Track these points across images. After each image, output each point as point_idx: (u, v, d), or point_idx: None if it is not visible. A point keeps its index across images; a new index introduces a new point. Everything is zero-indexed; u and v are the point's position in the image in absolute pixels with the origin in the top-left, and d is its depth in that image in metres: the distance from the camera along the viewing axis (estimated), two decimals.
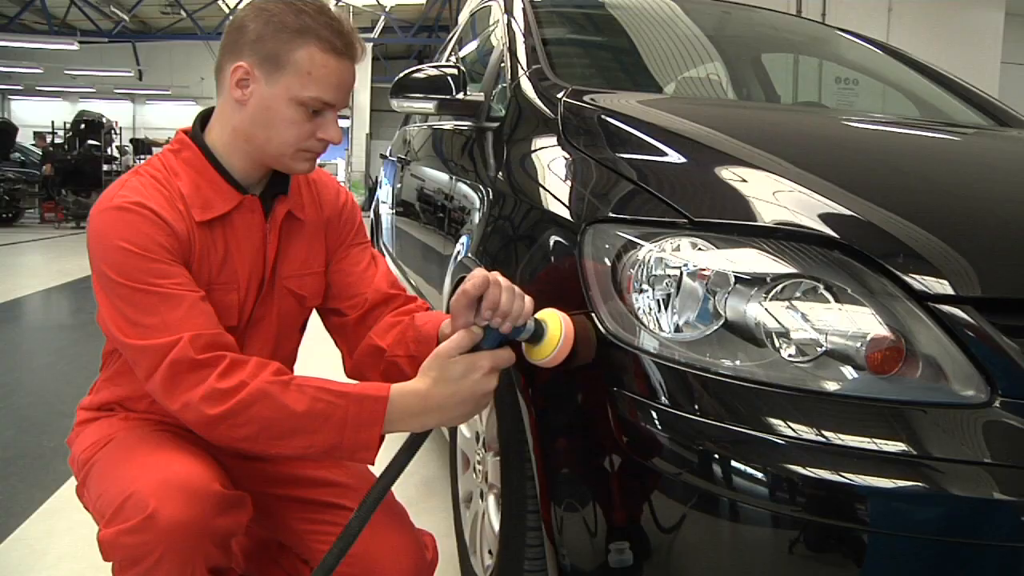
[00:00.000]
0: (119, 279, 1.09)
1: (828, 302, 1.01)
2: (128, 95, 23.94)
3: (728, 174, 1.25)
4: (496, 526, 1.51)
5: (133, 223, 1.10)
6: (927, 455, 0.91)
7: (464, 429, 1.80)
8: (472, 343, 1.09)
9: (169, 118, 23.69)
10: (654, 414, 1.03)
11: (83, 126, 12.33)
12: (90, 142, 12.10)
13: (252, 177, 1.24)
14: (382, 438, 1.10)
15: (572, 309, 1.16)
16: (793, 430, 0.95)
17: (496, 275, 1.08)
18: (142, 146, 14.60)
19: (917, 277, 1.00)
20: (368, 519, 1.10)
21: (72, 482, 1.50)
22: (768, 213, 1.12)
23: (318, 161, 1.24)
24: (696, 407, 1.01)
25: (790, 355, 1.00)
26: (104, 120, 12.60)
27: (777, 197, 1.16)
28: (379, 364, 1.29)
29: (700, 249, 1.09)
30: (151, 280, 1.09)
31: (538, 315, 1.12)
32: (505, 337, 1.10)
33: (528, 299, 1.10)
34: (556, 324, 1.10)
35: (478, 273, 1.07)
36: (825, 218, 1.09)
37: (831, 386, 0.98)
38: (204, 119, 1.25)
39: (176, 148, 1.22)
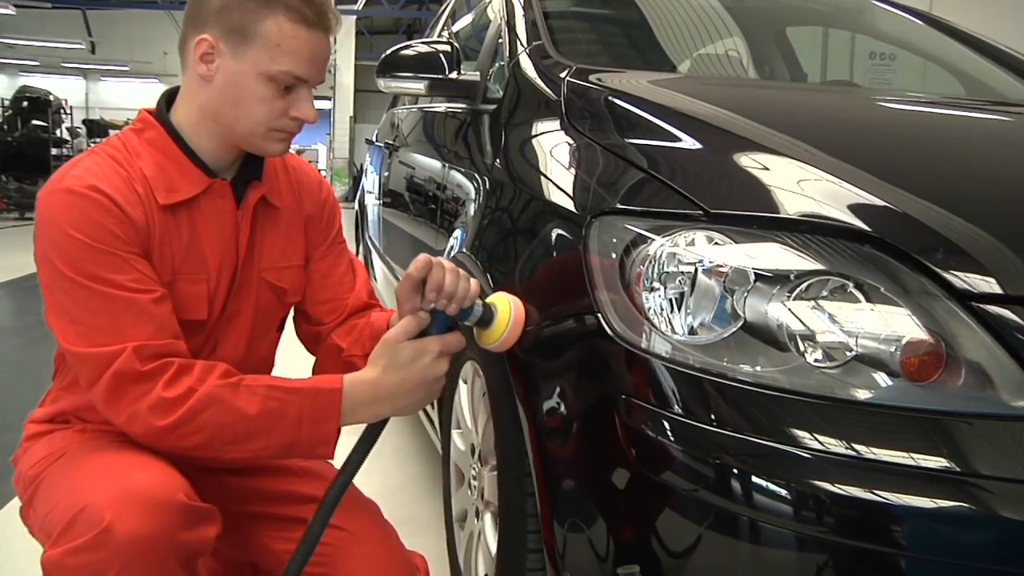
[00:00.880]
0: (65, 270, 1.09)
1: (858, 302, 1.01)
2: (79, 70, 23.02)
3: (748, 161, 1.24)
4: (493, 548, 1.50)
5: (84, 209, 1.10)
6: (973, 472, 0.90)
7: (458, 441, 1.80)
8: (419, 328, 1.17)
9: (128, 97, 22.92)
10: (666, 424, 1.03)
11: (25, 104, 11.92)
12: (35, 122, 11.68)
13: (222, 160, 1.24)
14: (339, 431, 1.15)
15: (576, 310, 1.16)
16: (820, 443, 0.94)
17: (440, 259, 1.16)
18: (97, 128, 14.24)
19: (959, 274, 0.99)
20: (328, 519, 1.15)
21: (13, 505, 1.48)
22: (792, 204, 1.12)
23: (296, 148, 1.25)
24: (712, 417, 1.00)
25: (816, 360, 1.00)
26: (51, 97, 12.17)
27: (802, 187, 1.15)
28: (338, 364, 1.34)
29: (717, 244, 1.09)
30: (100, 275, 1.09)
31: (489, 299, 1.21)
32: (453, 321, 1.18)
33: (474, 281, 1.18)
34: (505, 307, 1.20)
35: (421, 256, 1.15)
36: (855, 209, 1.09)
37: (862, 394, 0.97)
38: (170, 98, 1.25)
39: (139, 128, 1.22)
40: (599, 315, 1.13)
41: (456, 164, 2.06)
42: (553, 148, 1.53)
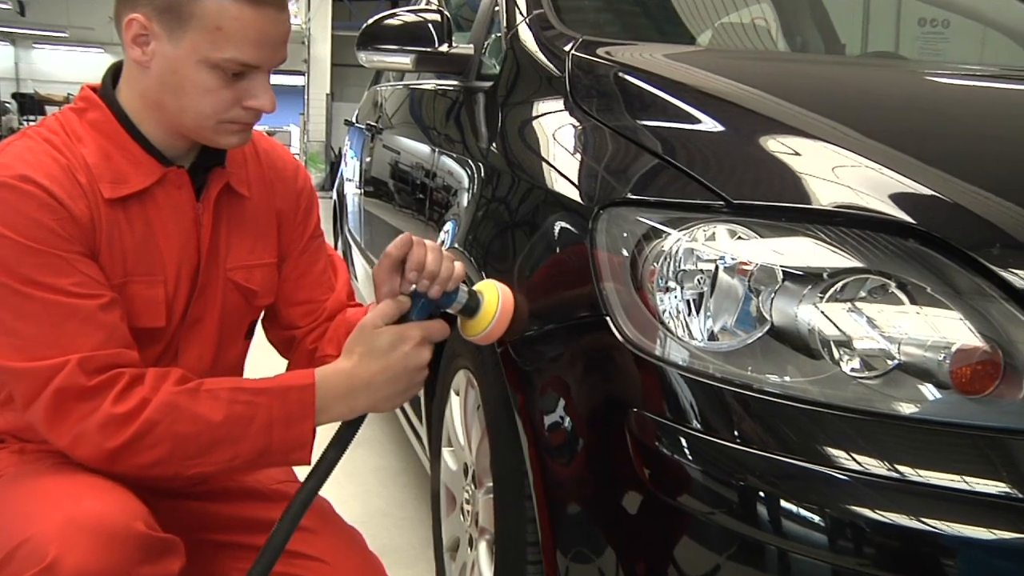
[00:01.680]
0: None
1: (901, 303, 1.01)
2: (6, 35, 21.77)
3: (776, 146, 1.24)
4: None
5: (15, 204, 1.07)
6: None
7: (450, 460, 1.80)
8: (399, 312, 1.18)
9: (68, 69, 21.86)
10: (683, 441, 1.03)
11: None
12: None
13: (175, 148, 1.22)
14: (314, 432, 1.15)
15: (582, 313, 1.16)
16: (858, 463, 0.94)
17: (421, 239, 1.17)
18: (31, 103, 13.87)
19: (1020, 272, 0.99)
20: (294, 529, 1.15)
21: None
22: (826, 193, 1.12)
23: (266, 129, 1.23)
24: (735, 433, 1.00)
25: (853, 369, 1.00)
26: None
27: (837, 174, 1.15)
28: (311, 365, 1.32)
29: (740, 238, 1.09)
30: (38, 279, 1.07)
31: (476, 286, 1.24)
32: (435, 306, 1.19)
33: (459, 263, 1.19)
34: (492, 295, 1.21)
35: (402, 236, 1.16)
36: (899, 199, 1.08)
37: (906, 408, 0.97)
38: (117, 73, 1.22)
39: (80, 108, 1.19)
40: (607, 318, 1.13)
41: (447, 149, 2.06)
42: (556, 131, 1.53)
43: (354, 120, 3.96)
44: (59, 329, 1.07)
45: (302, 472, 1.21)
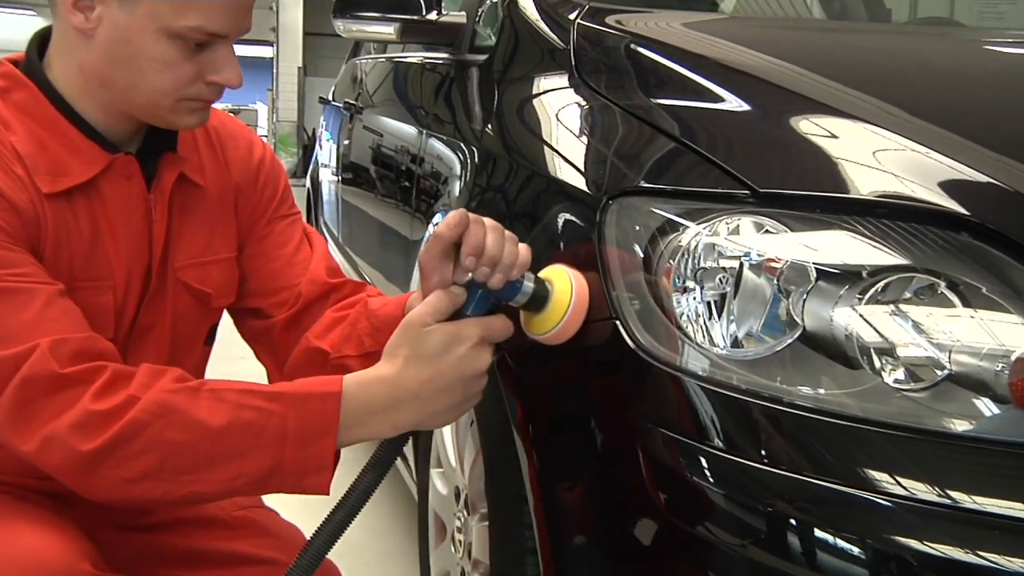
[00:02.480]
0: None
1: (953, 305, 1.00)
2: None
3: (809, 127, 1.24)
4: None
5: None
6: None
7: (439, 483, 1.80)
8: (452, 307, 1.10)
9: None
10: (704, 462, 1.02)
11: None
12: None
13: (121, 131, 1.19)
14: (338, 454, 1.08)
15: (589, 317, 1.16)
16: (903, 487, 0.93)
17: (479, 216, 1.10)
18: None
19: None
20: (318, 565, 1.08)
21: None
22: (866, 181, 1.11)
23: (229, 107, 1.22)
24: (763, 452, 1.00)
25: (897, 380, 0.99)
26: None
27: (880, 158, 1.15)
28: (321, 373, 1.27)
29: (768, 232, 1.09)
30: None
31: (542, 272, 1.16)
32: (496, 298, 1.11)
33: (524, 246, 1.12)
34: (564, 283, 1.13)
35: (455, 213, 1.08)
36: (951, 187, 1.08)
37: (958, 425, 0.97)
38: (43, 41, 1.19)
39: (2, 87, 1.16)
40: (618, 323, 1.13)
41: (436, 130, 2.06)
42: (560, 111, 1.53)
43: (330, 98, 3.96)
44: (19, 315, 1.03)
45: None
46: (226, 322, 1.42)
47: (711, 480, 1.02)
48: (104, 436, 1.00)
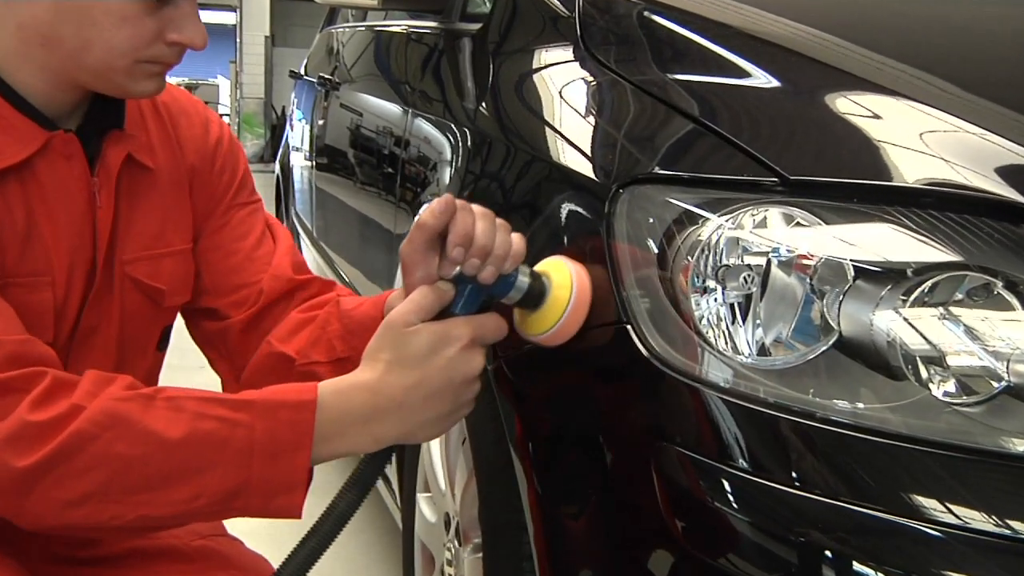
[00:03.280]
0: None
1: (1011, 308, 1.00)
2: None
3: (847, 105, 1.24)
4: None
5: None
6: None
7: (426, 510, 1.80)
8: (439, 304, 1.10)
9: None
10: (726, 485, 1.02)
11: None
12: None
13: (60, 103, 1.18)
14: (311, 472, 1.07)
15: (597, 320, 1.15)
16: (954, 514, 0.93)
17: (466, 202, 1.10)
18: None
19: None
20: None
21: None
22: (912, 166, 1.11)
23: (185, 81, 1.21)
24: (794, 474, 1.00)
25: (947, 393, 0.99)
26: None
27: (928, 141, 1.15)
28: (285, 381, 1.27)
29: (800, 224, 1.08)
30: None
31: (538, 266, 1.16)
32: (488, 294, 1.12)
33: (518, 236, 1.12)
34: (563, 277, 1.12)
35: (440, 199, 1.08)
36: (1009, 173, 1.08)
37: (1018, 444, 0.96)
38: None
39: None
40: (629, 327, 1.13)
41: (423, 109, 2.06)
42: (564, 87, 1.53)
43: (302, 72, 3.96)
44: None
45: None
46: (181, 327, 1.42)
47: (735, 506, 1.01)
48: (42, 451, 0.99)
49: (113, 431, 1.01)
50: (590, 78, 1.50)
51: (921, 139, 1.15)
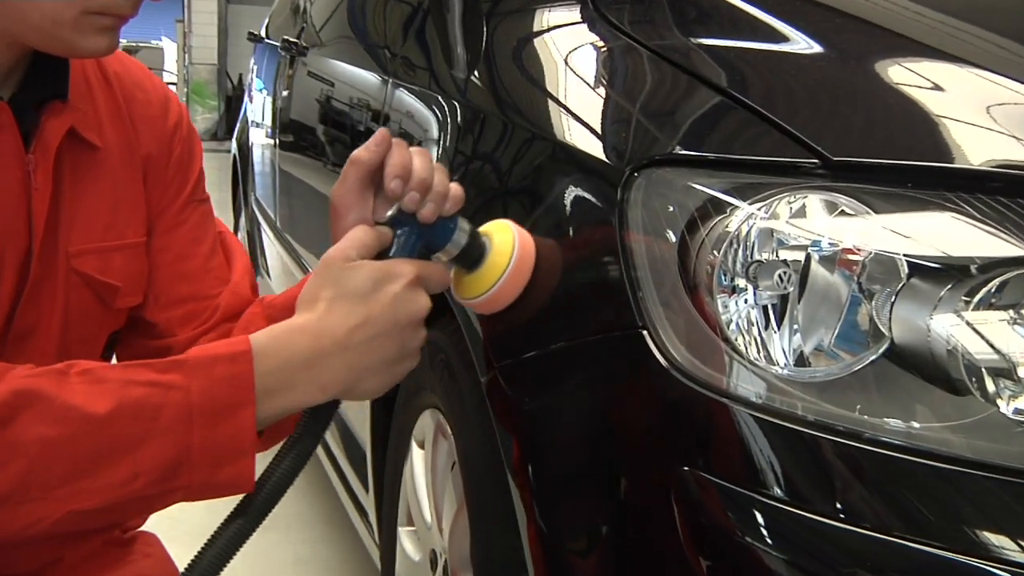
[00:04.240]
0: None
1: None
2: None
3: (901, 74, 1.24)
4: None
5: None
6: None
7: (410, 547, 1.80)
8: (378, 244, 1.16)
9: None
10: (759, 517, 1.02)
11: None
12: None
13: None
14: (255, 430, 1.08)
15: (607, 325, 1.17)
16: None
17: (401, 139, 1.17)
18: None
19: None
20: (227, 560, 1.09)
21: None
22: (977, 145, 1.11)
23: (122, 43, 1.22)
24: (838, 504, 1.00)
25: (1018, 411, 0.99)
26: None
27: (996, 116, 1.15)
28: None
29: (844, 213, 1.09)
30: None
31: (482, 228, 1.23)
32: (425, 244, 1.18)
33: (456, 184, 1.18)
34: (505, 237, 1.19)
35: (376, 134, 1.16)
36: None
37: None
38: None
39: None
40: (645, 333, 1.12)
41: (405, 79, 2.07)
42: (570, 53, 1.54)
43: (263, 33, 3.96)
44: None
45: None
46: None
47: (769, 541, 1.01)
48: None
49: (29, 411, 1.01)
50: (600, 43, 1.50)
51: (988, 114, 1.15)
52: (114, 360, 1.42)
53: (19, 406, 1.00)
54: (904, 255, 1.04)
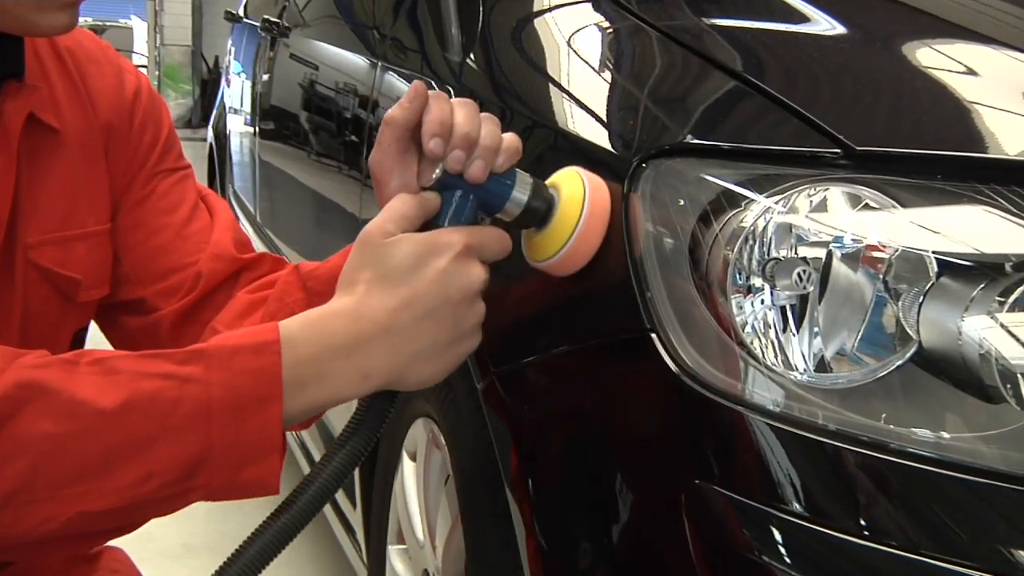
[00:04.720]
0: None
1: None
2: None
3: (929, 56, 1.24)
4: None
5: None
6: None
7: (400, 566, 1.80)
8: (422, 213, 1.13)
9: None
10: (776, 534, 1.02)
11: None
12: None
13: None
14: (282, 428, 1.06)
15: (613, 328, 1.17)
16: None
17: (440, 92, 1.14)
18: None
19: None
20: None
21: None
22: (1013, 134, 1.11)
23: (88, 22, 1.22)
24: (862, 521, 0.99)
25: None
26: None
27: None
28: None
29: (869, 207, 1.08)
30: None
31: (550, 180, 1.19)
32: (480, 207, 1.14)
33: (511, 134, 1.15)
34: (574, 186, 1.14)
35: (411, 87, 1.13)
36: None
37: None
38: None
39: None
40: (654, 335, 1.12)
41: (396, 62, 2.08)
42: (573, 35, 1.54)
43: (241, 12, 3.96)
44: None
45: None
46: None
47: (787, 560, 1.01)
48: None
49: (34, 405, 0.99)
50: (606, 24, 1.50)
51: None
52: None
53: (23, 400, 0.99)
54: (933, 252, 1.04)
